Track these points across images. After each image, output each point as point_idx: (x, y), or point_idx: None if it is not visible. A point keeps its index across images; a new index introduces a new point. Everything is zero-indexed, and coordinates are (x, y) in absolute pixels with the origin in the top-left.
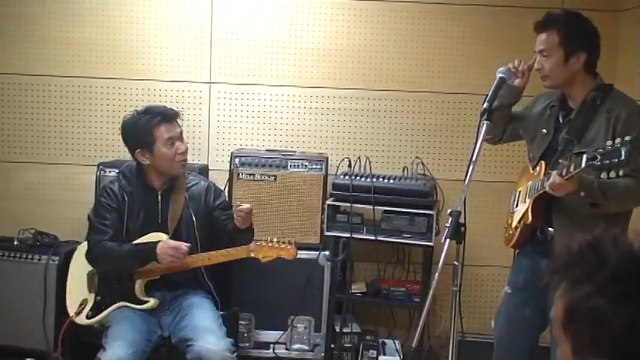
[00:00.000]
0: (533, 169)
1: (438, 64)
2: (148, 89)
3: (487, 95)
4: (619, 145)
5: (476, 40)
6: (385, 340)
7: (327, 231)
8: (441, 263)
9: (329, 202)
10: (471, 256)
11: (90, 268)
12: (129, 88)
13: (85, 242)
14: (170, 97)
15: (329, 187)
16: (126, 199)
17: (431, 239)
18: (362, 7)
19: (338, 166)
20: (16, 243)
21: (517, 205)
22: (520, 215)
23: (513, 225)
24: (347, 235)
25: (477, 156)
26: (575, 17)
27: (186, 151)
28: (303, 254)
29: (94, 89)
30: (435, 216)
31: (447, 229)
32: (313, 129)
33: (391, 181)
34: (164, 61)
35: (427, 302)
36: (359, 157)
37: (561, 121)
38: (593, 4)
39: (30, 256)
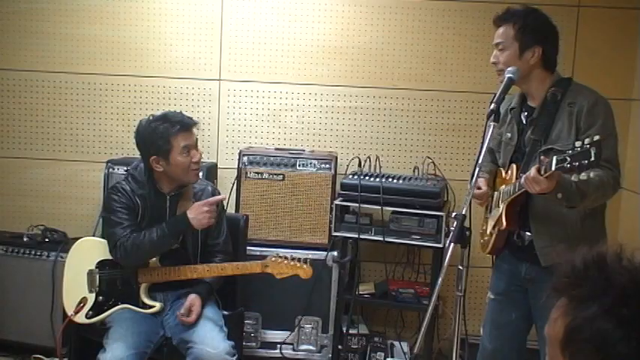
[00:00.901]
0: (506, 172)
1: (451, 62)
2: (158, 86)
3: (494, 96)
4: (588, 146)
5: (489, 38)
6: (394, 342)
7: (335, 231)
8: (444, 268)
9: (337, 202)
10: (479, 257)
11: (90, 267)
12: (138, 85)
13: (82, 240)
14: (179, 94)
15: (337, 187)
16: (138, 201)
17: (440, 241)
18: (373, 5)
19: (348, 166)
20: (25, 239)
21: (491, 211)
22: (494, 221)
23: (488, 231)
24: (355, 235)
25: (484, 158)
26: (533, 12)
27: (200, 160)
28: (311, 254)
29: (104, 86)
30: (444, 217)
31: (451, 232)
32: (324, 127)
33: (400, 181)
34: (174, 59)
35: (430, 308)
36: (369, 157)
37: (524, 121)
38: (613, 2)
39: (39, 253)
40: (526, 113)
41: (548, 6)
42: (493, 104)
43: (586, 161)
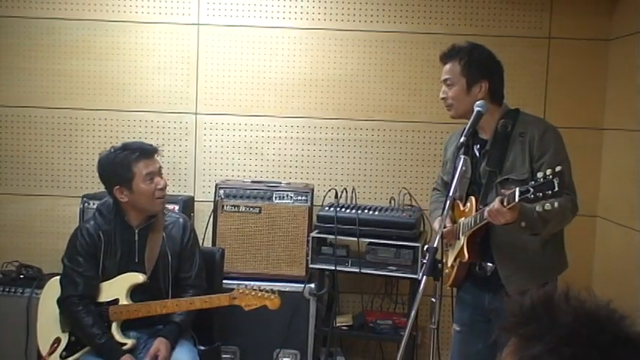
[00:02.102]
0: (464, 205)
1: (425, 93)
2: (134, 120)
3: (464, 129)
4: (551, 177)
5: None
6: None
7: (312, 263)
8: (417, 301)
9: (314, 234)
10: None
11: None
12: (114, 119)
13: (55, 279)
14: (156, 128)
15: (314, 219)
16: (102, 238)
17: (417, 272)
18: (348, 38)
19: (324, 197)
20: None
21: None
22: (455, 253)
23: (449, 264)
24: (332, 267)
25: (455, 191)
26: (477, 47)
27: (165, 187)
28: (288, 287)
29: (79, 121)
30: (420, 248)
31: (423, 265)
32: (300, 159)
33: (376, 212)
34: (150, 92)
35: (404, 340)
36: (345, 188)
37: (477, 154)
38: (582, 34)
39: (13, 290)
40: (478, 146)
41: (519, 38)
42: (463, 137)
43: (550, 191)
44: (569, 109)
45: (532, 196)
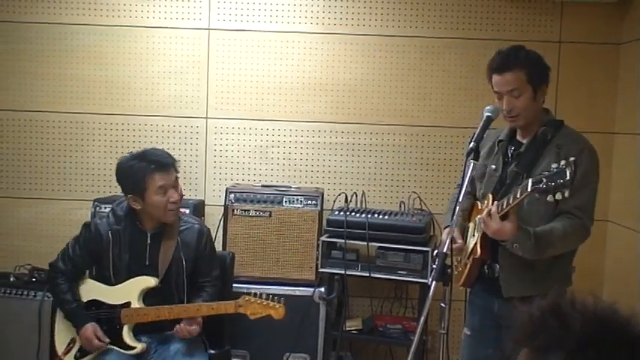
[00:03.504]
0: (482, 203)
1: (436, 98)
2: (145, 125)
3: (474, 134)
4: (564, 166)
5: (474, 75)
6: None
7: (322, 267)
8: (426, 307)
9: (323, 238)
10: (463, 291)
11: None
12: (125, 123)
13: None
14: (167, 132)
15: (324, 223)
16: (110, 237)
17: (426, 276)
18: (359, 42)
19: (334, 202)
20: (12, 279)
21: (467, 242)
22: (469, 250)
23: (463, 261)
24: (341, 271)
25: (464, 196)
26: (533, 53)
27: (179, 200)
28: (298, 291)
29: (91, 125)
30: (430, 252)
31: (433, 270)
32: (310, 164)
33: (386, 217)
34: (161, 97)
35: (413, 346)
36: (355, 193)
37: (510, 155)
38: (593, 38)
39: (25, 293)
40: (513, 148)
41: (530, 42)
42: (473, 143)
43: (561, 180)
44: (580, 113)
45: (544, 186)
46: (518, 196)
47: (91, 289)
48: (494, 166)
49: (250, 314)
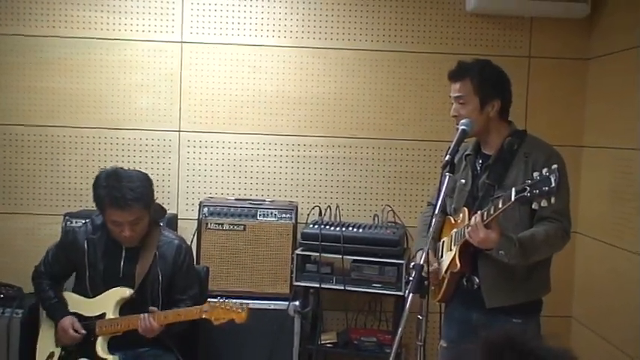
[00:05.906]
0: (457, 216)
1: (409, 111)
2: (117, 138)
3: (449, 148)
4: (547, 174)
5: (446, 89)
6: None
7: (297, 281)
8: (404, 318)
9: (298, 251)
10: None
11: None
12: (97, 137)
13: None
14: (139, 145)
15: (298, 237)
16: (86, 246)
17: (401, 289)
18: (331, 56)
19: (308, 215)
20: None
21: (442, 256)
22: (446, 265)
23: (440, 276)
24: (316, 285)
25: (440, 209)
26: (488, 65)
27: (131, 237)
28: (273, 305)
29: (62, 138)
30: (404, 265)
31: (409, 282)
32: (284, 177)
33: (360, 230)
34: (133, 110)
35: (392, 357)
36: (329, 206)
37: (479, 168)
38: (562, 53)
39: None
40: (481, 161)
41: (500, 57)
42: (448, 155)
43: (546, 188)
44: (549, 126)
45: (529, 194)
46: (500, 206)
47: (71, 303)
48: (463, 180)
49: (214, 319)
